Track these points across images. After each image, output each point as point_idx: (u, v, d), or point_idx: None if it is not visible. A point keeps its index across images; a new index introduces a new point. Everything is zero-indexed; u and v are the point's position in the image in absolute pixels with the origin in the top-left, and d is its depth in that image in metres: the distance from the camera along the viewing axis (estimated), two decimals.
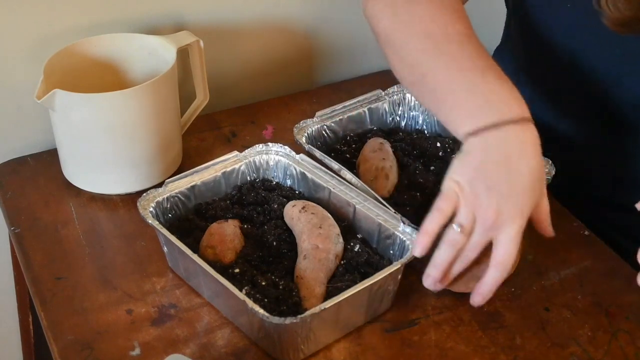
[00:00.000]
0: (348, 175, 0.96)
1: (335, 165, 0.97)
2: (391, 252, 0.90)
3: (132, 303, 0.89)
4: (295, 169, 1.00)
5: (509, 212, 0.79)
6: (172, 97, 1.05)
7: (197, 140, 1.16)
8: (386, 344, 0.86)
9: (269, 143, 1.01)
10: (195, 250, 0.87)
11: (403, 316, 0.89)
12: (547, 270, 0.96)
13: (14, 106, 1.12)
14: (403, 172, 1.02)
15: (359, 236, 0.93)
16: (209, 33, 1.19)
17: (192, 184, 0.96)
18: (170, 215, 0.94)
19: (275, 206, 0.96)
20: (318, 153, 1.00)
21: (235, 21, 1.22)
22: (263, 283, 0.85)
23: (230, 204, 0.97)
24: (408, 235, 0.88)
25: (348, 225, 0.94)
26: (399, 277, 0.87)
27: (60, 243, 0.98)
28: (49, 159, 1.10)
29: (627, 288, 0.91)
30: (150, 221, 0.88)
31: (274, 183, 1.02)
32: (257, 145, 1.01)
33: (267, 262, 0.90)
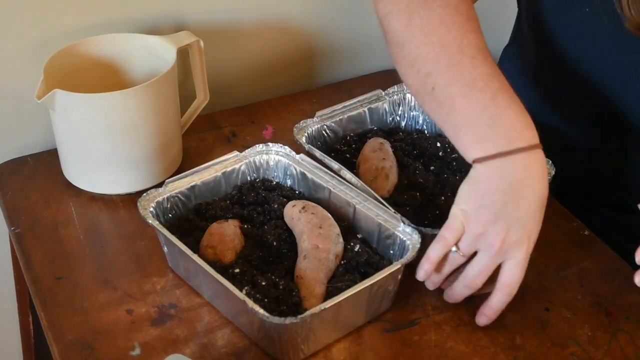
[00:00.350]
0: (348, 175, 0.96)
1: (335, 165, 0.97)
2: (391, 252, 0.90)
3: (132, 303, 0.89)
4: (295, 169, 1.00)
5: (515, 238, 0.80)
6: (172, 97, 1.05)
7: (197, 140, 1.16)
8: (386, 344, 0.86)
9: (269, 143, 1.01)
10: (195, 250, 0.87)
11: (403, 316, 0.89)
12: (547, 270, 0.96)
13: (14, 106, 1.12)
14: (403, 172, 1.02)
15: (359, 236, 0.93)
16: (209, 33, 1.19)
17: (192, 184, 0.96)
18: (170, 215, 0.94)
19: (275, 206, 0.96)
20: (318, 153, 1.00)
21: (235, 21, 1.22)
22: (263, 283, 0.85)
23: (230, 204, 0.97)
24: (408, 235, 0.88)
25: (348, 225, 0.94)
26: (399, 277, 0.87)
27: (60, 243, 0.98)
28: (49, 159, 1.10)
29: (627, 288, 0.91)
30: (150, 221, 0.88)
31: (274, 183, 1.01)
32: (257, 145, 1.01)
33: (267, 262, 0.90)
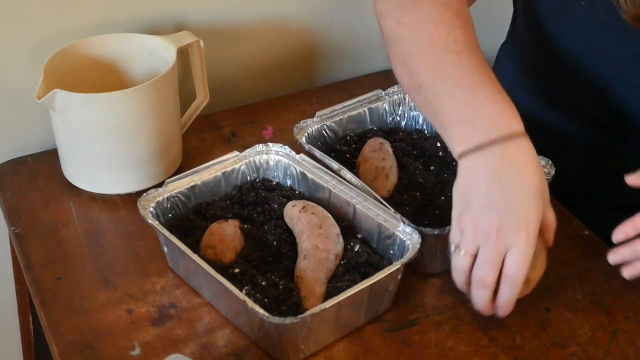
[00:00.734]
0: (348, 175, 0.96)
1: (335, 165, 0.97)
2: (391, 252, 0.90)
3: (132, 303, 0.89)
4: (295, 169, 1.00)
5: (510, 227, 0.79)
6: (172, 97, 1.05)
7: (197, 140, 1.16)
8: (386, 344, 0.86)
9: (269, 143, 1.01)
10: (195, 250, 0.87)
11: (403, 316, 0.89)
12: (547, 270, 0.95)
13: (14, 106, 1.12)
14: (403, 172, 1.02)
15: (359, 236, 0.93)
16: (209, 33, 1.19)
17: (192, 184, 0.96)
18: (170, 215, 0.94)
19: (275, 206, 0.96)
20: (318, 153, 1.00)
21: (235, 21, 1.22)
22: (263, 283, 0.85)
23: (230, 204, 0.97)
24: (408, 235, 0.88)
25: (348, 225, 0.94)
26: (399, 277, 0.87)
27: (60, 243, 0.98)
28: (49, 159, 1.10)
29: (627, 288, 0.91)
30: (150, 221, 0.88)
31: (274, 183, 1.01)
32: (257, 145, 1.01)
33: (267, 262, 0.90)
